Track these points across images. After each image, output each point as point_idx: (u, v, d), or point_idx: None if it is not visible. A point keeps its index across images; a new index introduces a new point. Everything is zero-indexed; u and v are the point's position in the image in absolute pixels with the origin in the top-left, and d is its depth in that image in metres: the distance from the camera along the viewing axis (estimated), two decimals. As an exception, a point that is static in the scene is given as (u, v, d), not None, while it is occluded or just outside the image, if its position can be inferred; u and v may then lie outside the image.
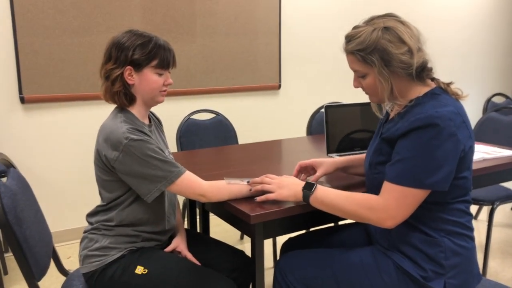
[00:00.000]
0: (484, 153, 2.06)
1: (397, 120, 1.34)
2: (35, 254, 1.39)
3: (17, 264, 1.33)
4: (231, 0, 3.39)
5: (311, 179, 1.64)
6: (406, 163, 1.25)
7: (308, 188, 1.39)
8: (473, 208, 3.43)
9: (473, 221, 3.35)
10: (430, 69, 1.37)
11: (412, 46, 1.28)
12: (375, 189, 1.37)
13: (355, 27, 1.36)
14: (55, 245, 2.95)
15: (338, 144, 2.16)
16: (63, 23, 2.84)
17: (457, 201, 1.33)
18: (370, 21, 1.34)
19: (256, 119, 3.72)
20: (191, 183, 1.42)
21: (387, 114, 1.48)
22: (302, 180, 1.53)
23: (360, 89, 1.42)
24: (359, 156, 1.69)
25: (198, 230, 2.18)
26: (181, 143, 2.70)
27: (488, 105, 4.20)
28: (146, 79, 1.45)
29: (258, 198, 1.44)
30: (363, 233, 1.65)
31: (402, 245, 1.36)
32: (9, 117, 2.80)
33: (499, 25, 5.25)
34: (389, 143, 1.34)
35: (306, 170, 1.67)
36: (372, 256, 1.41)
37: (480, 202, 2.48)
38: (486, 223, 2.46)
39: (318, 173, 1.63)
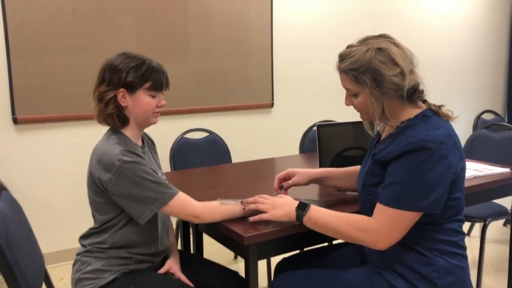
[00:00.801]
0: (475, 170, 2.07)
1: (389, 142, 1.36)
2: (27, 277, 1.38)
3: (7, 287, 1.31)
4: (223, 20, 3.43)
5: (284, 186, 1.65)
6: (399, 186, 1.26)
7: (302, 208, 1.39)
8: (466, 225, 3.44)
9: (466, 238, 3.35)
10: (422, 92, 1.38)
11: (405, 68, 1.30)
12: (368, 210, 1.38)
13: (349, 46, 1.37)
14: (48, 266, 2.91)
15: (331, 161, 2.17)
16: (57, 44, 2.86)
17: (450, 220, 1.34)
18: (364, 41, 1.36)
19: (250, 137, 3.73)
20: (184, 204, 1.42)
21: (379, 134, 1.50)
22: (284, 193, 1.54)
23: (352, 107, 1.43)
24: (335, 169, 1.71)
25: (192, 251, 2.17)
26: (175, 162, 2.70)
27: (478, 122, 4.25)
28: (139, 101, 1.46)
29: (251, 218, 1.44)
30: (357, 252, 1.65)
31: (396, 265, 1.36)
32: (1, 138, 2.79)
33: (488, 42, 5.35)
34: (382, 165, 1.35)
35: (285, 181, 1.69)
36: (366, 276, 1.41)
37: (473, 219, 2.50)
38: (479, 240, 2.46)
39: (290, 181, 1.65)
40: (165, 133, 3.27)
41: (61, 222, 3.02)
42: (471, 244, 3.25)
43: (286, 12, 3.76)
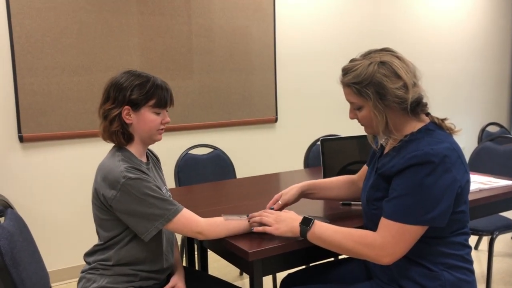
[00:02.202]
0: (480, 183, 2.07)
1: (392, 155, 1.36)
2: (32, 296, 1.38)
3: (13, 307, 1.31)
4: (226, 37, 3.47)
5: (274, 208, 1.62)
6: (403, 200, 1.26)
7: (306, 223, 1.39)
8: (473, 239, 3.41)
9: (474, 252, 3.32)
10: (425, 105, 1.39)
11: (408, 81, 1.31)
12: (373, 225, 1.37)
13: (352, 60, 1.38)
14: (53, 284, 2.90)
15: (336, 175, 2.16)
16: (62, 63, 2.90)
17: (456, 234, 1.33)
18: (367, 54, 1.37)
19: (254, 152, 3.74)
20: (188, 221, 1.42)
21: (382, 147, 1.50)
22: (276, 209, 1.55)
23: (356, 121, 1.44)
24: (322, 180, 1.72)
25: (197, 267, 2.16)
26: (179, 178, 2.71)
27: (483, 135, 4.23)
28: (144, 119, 1.47)
29: (255, 229, 1.44)
30: (363, 267, 1.64)
31: (402, 280, 1.35)
32: (8, 156, 2.81)
33: (492, 55, 5.36)
34: (386, 179, 1.35)
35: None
36: (372, 291, 1.39)
37: (480, 232, 2.47)
38: (487, 253, 2.44)
39: (279, 201, 1.62)
40: (169, 149, 3.29)
41: (66, 239, 3.02)
42: (479, 258, 3.22)
43: (289, 28, 3.80)
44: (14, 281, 1.30)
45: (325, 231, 1.36)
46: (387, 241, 1.27)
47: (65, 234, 3.02)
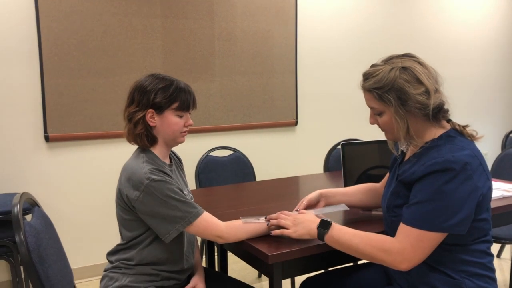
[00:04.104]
0: (503, 190, 2.03)
1: (413, 162, 1.35)
2: (57, 293, 1.41)
3: (39, 302, 1.34)
4: (248, 40, 3.49)
5: (299, 209, 1.64)
6: (423, 206, 1.26)
7: (324, 226, 1.39)
8: (495, 246, 3.35)
9: (496, 260, 3.26)
10: (447, 111, 1.38)
11: (429, 87, 1.30)
12: (393, 232, 1.37)
13: (373, 65, 1.38)
14: (76, 282, 2.97)
15: (356, 180, 2.16)
16: (88, 65, 2.96)
17: (478, 242, 1.32)
18: (389, 60, 1.36)
19: (274, 155, 3.74)
20: (208, 225, 1.44)
21: (403, 153, 1.49)
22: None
23: (376, 126, 1.43)
24: (343, 188, 1.74)
25: (217, 269, 2.18)
26: (200, 180, 2.74)
27: (507, 141, 4.15)
28: (167, 121, 1.50)
29: (273, 232, 1.45)
30: (382, 273, 1.63)
31: (422, 286, 1.34)
32: (34, 155, 2.89)
33: (516, 60, 5.26)
34: (406, 186, 1.34)
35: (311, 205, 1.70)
36: (392, 297, 1.39)
37: (502, 241, 2.43)
38: (510, 262, 2.40)
39: (305, 202, 1.66)
40: (191, 151, 3.32)
41: (89, 237, 3.08)
42: (502, 266, 3.16)
43: (310, 31, 3.80)
44: (40, 277, 1.33)
45: (343, 235, 1.36)
46: (405, 247, 1.26)
47: (88, 232, 3.08)
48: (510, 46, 5.17)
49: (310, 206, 1.67)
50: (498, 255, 3.32)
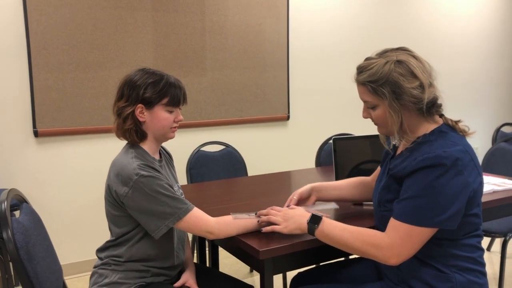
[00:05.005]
0: (494, 185, 2.04)
1: (405, 156, 1.35)
2: (46, 290, 1.40)
3: (27, 300, 1.33)
4: (240, 35, 3.47)
5: (291, 204, 1.64)
6: (413, 201, 1.26)
7: (314, 221, 1.39)
8: (486, 240, 3.38)
9: (486, 253, 3.29)
10: (440, 105, 1.37)
11: (424, 81, 1.29)
12: (384, 226, 1.37)
13: (367, 59, 1.37)
14: (65, 277, 2.95)
15: (347, 175, 2.16)
16: (77, 59, 2.93)
17: (468, 236, 1.32)
18: (383, 53, 1.36)
19: (265, 150, 3.74)
20: (198, 220, 1.43)
21: (394, 148, 1.49)
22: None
23: (369, 120, 1.43)
24: (333, 182, 1.73)
25: (208, 264, 2.17)
26: (191, 175, 2.72)
27: (497, 135, 4.18)
28: (157, 117, 1.49)
29: (264, 229, 1.45)
30: (373, 268, 1.63)
31: (413, 281, 1.35)
32: (23, 151, 2.86)
33: (507, 54, 5.28)
34: (397, 181, 1.34)
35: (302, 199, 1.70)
36: (382, 292, 1.39)
37: (492, 234, 2.45)
38: (500, 255, 2.41)
39: (295, 197, 1.65)
40: (182, 146, 3.31)
41: (79, 233, 3.06)
42: (492, 260, 3.18)
43: (302, 26, 3.78)
44: (28, 274, 1.32)
45: (333, 229, 1.36)
46: (394, 242, 1.26)
47: (78, 228, 3.06)
48: (501, 40, 5.20)
49: (301, 200, 1.67)
50: (488, 249, 3.35)
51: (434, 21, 4.57)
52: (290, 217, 1.42)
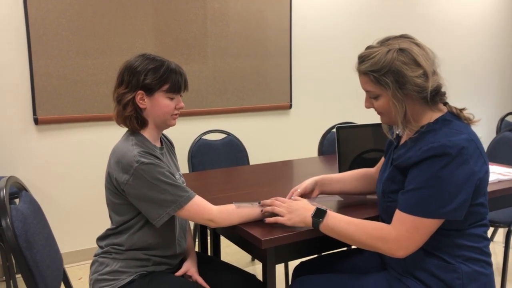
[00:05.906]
0: (499, 174, 2.02)
1: (409, 146, 1.32)
2: (46, 278, 1.39)
3: (27, 288, 1.32)
4: (242, 22, 3.42)
5: (295, 195, 1.59)
6: (418, 192, 1.23)
7: (318, 215, 1.36)
8: (489, 230, 3.36)
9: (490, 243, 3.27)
10: (444, 94, 1.34)
11: (427, 69, 1.26)
12: (388, 217, 1.35)
13: (369, 47, 1.33)
14: (66, 266, 2.95)
15: (350, 164, 2.14)
16: (77, 45, 2.89)
17: (474, 226, 1.30)
18: (385, 41, 1.32)
19: (267, 139, 3.71)
20: (200, 208, 1.41)
21: (398, 137, 1.46)
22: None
23: (372, 109, 1.39)
24: (336, 174, 1.69)
25: (209, 253, 2.16)
26: (193, 164, 2.70)
27: (502, 125, 4.15)
28: (158, 104, 1.46)
29: (267, 220, 1.43)
30: (377, 258, 1.62)
31: (417, 271, 1.33)
32: (23, 138, 2.83)
33: (512, 43, 5.23)
34: (401, 171, 1.32)
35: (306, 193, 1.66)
36: (386, 282, 1.38)
37: (496, 224, 2.43)
38: (503, 245, 2.40)
39: (299, 190, 1.61)
40: (183, 134, 3.28)
41: (79, 221, 3.05)
42: (495, 250, 3.17)
43: (305, 13, 3.73)
44: (28, 263, 1.30)
45: (338, 223, 1.33)
46: (401, 234, 1.24)
47: (78, 216, 3.05)
48: (505, 29, 5.13)
49: (304, 194, 1.64)
50: (491, 238, 3.33)
51: (439, 9, 4.51)
52: (294, 210, 1.40)
